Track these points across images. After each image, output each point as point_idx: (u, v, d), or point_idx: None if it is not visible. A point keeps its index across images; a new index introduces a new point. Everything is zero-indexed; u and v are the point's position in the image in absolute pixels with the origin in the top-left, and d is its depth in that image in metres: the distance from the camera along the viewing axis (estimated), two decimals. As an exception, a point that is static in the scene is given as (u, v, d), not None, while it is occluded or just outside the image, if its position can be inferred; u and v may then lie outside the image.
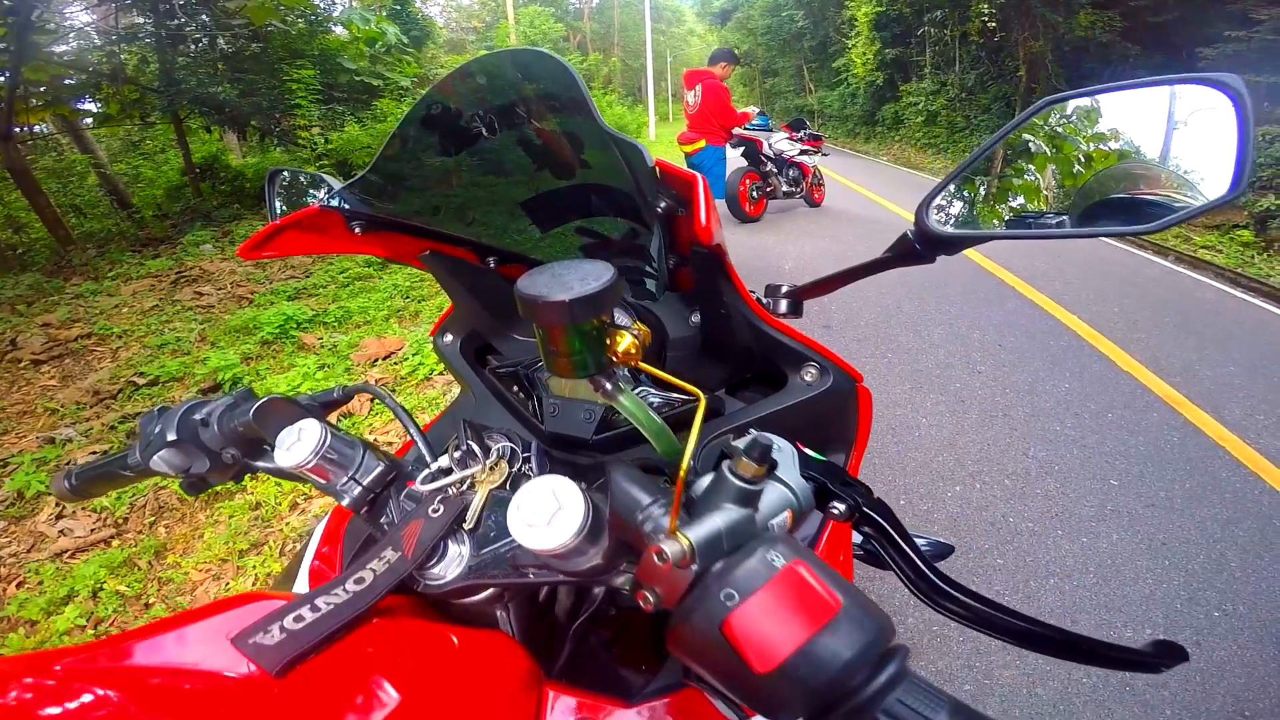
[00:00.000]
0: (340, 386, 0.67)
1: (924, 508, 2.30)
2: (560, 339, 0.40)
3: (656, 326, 0.75)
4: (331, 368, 3.35)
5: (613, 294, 0.39)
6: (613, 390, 0.43)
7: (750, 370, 0.73)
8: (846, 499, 0.44)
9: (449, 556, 0.48)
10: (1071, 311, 4.22)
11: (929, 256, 0.60)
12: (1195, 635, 1.75)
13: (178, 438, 0.54)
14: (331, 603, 0.40)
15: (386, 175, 0.64)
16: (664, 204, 0.54)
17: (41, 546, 2.11)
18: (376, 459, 0.52)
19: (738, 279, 0.60)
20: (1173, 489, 2.38)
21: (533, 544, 0.40)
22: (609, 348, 0.42)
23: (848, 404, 0.66)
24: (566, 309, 0.37)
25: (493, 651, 0.46)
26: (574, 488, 0.42)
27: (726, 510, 0.37)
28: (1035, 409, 2.99)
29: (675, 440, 0.47)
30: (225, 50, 6.97)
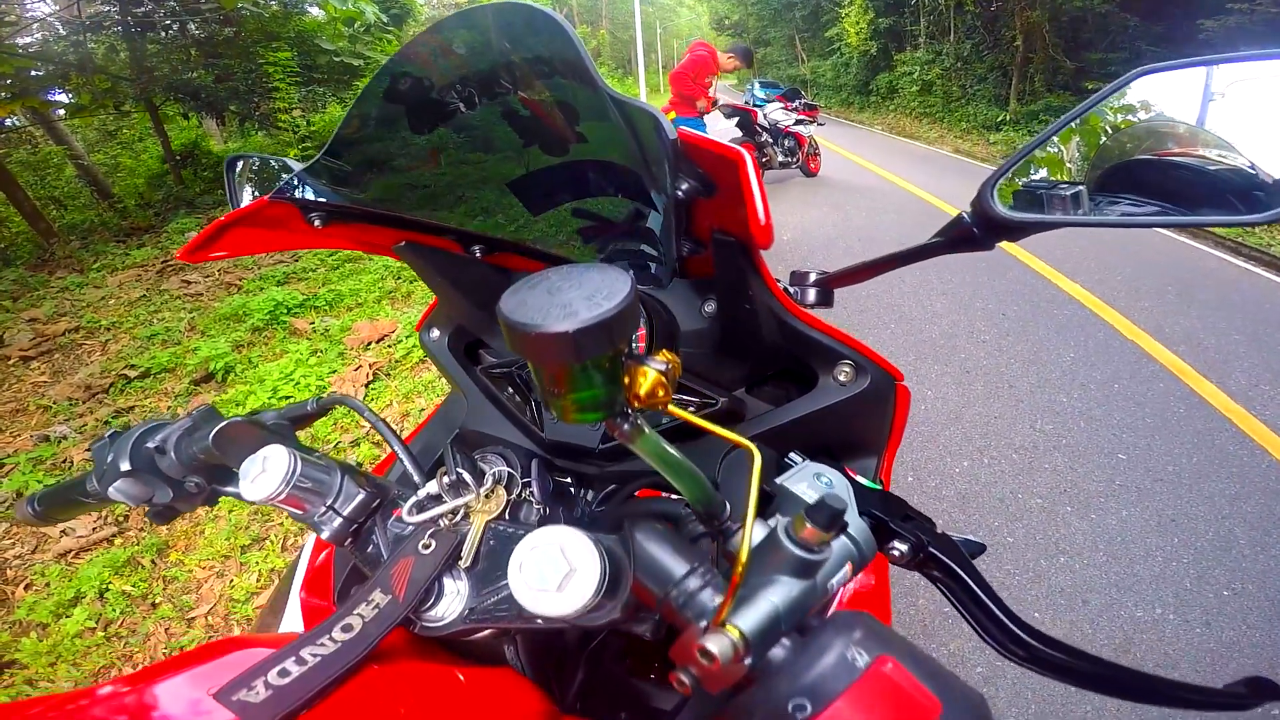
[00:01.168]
0: (314, 399, 0.61)
1: (932, 484, 2.29)
2: (563, 380, 0.29)
3: (665, 318, 0.67)
4: (324, 353, 3.30)
5: (631, 317, 0.28)
6: (631, 433, 0.34)
7: (773, 367, 0.66)
8: (909, 537, 0.39)
9: (445, 595, 0.43)
10: (1074, 280, 4.19)
11: (987, 242, 0.53)
12: (1204, 615, 1.75)
13: (133, 467, 0.49)
14: (318, 654, 0.36)
15: (346, 159, 0.56)
16: (686, 187, 0.45)
17: (45, 547, 2.08)
18: (357, 485, 0.47)
19: (766, 269, 0.54)
20: (1180, 463, 2.38)
21: (541, 611, 0.35)
22: (628, 388, 0.31)
23: (885, 406, 0.60)
24: (570, 343, 0.26)
25: (502, 691, 0.43)
26: (585, 543, 0.37)
27: (782, 584, 0.32)
28: (1041, 380, 2.98)
29: (708, 486, 0.39)
30: (197, 36, 6.79)
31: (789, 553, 0.32)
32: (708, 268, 0.60)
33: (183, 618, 1.79)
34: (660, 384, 0.31)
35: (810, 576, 0.33)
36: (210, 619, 1.78)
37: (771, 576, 0.32)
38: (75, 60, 6.27)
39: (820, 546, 0.32)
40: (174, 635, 1.74)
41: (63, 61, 6.23)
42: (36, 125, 7.39)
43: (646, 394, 0.31)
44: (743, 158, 0.39)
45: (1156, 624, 1.73)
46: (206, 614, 1.79)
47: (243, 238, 0.58)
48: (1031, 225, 0.51)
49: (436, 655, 0.45)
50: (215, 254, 0.57)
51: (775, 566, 0.32)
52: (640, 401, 0.31)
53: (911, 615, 1.75)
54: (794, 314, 0.56)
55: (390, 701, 0.36)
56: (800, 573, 0.32)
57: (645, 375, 0.31)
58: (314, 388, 2.92)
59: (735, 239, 0.49)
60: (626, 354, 0.31)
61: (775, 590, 0.32)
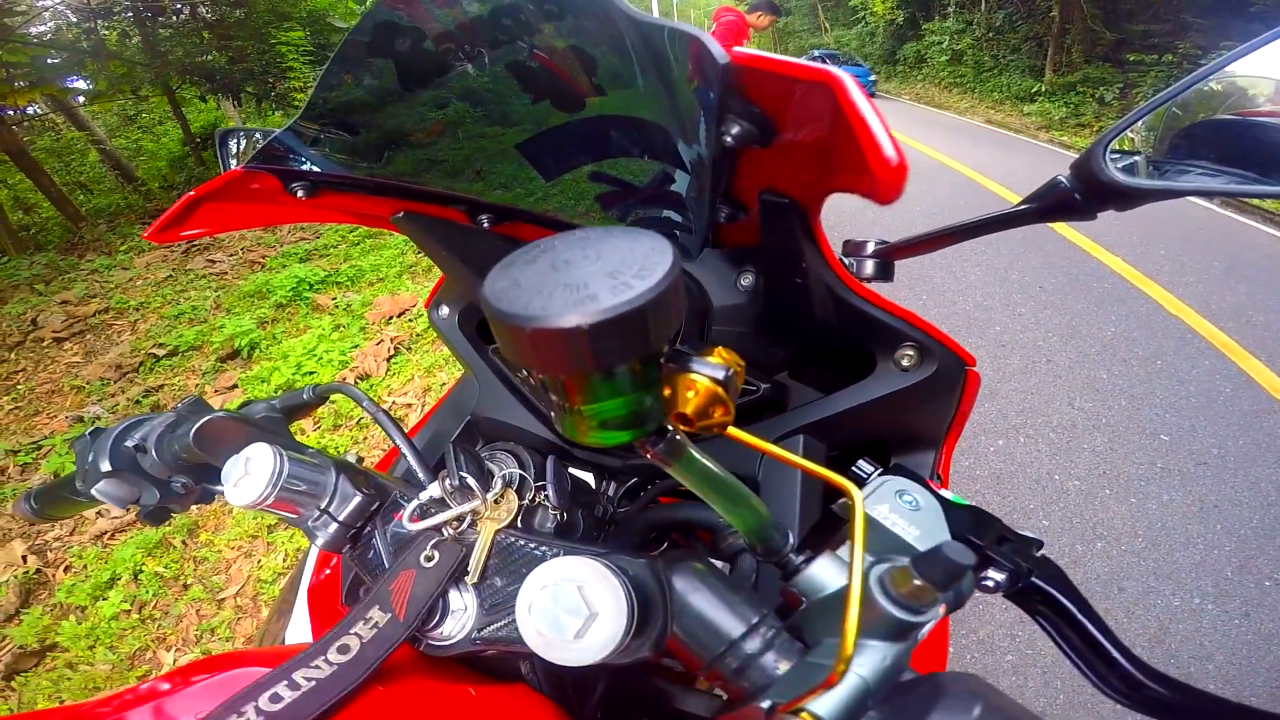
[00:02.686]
0: (310, 387, 0.57)
1: (965, 464, 2.21)
2: (575, 391, 0.21)
3: (697, 293, 0.59)
4: (347, 328, 3.31)
5: (673, 304, 0.19)
6: (669, 453, 0.26)
7: (819, 348, 0.58)
8: (1006, 565, 0.33)
9: (451, 614, 0.39)
10: (1114, 253, 4.02)
11: (1089, 210, 0.46)
12: (1244, 606, 1.69)
13: (114, 467, 0.46)
14: (312, 678, 0.33)
15: (330, 122, 0.49)
16: (737, 131, 0.35)
17: (82, 529, 2.14)
18: (354, 486, 0.43)
19: (824, 237, 0.45)
20: (1225, 445, 2.27)
21: (557, 659, 0.30)
22: (669, 402, 0.23)
23: (952, 395, 0.53)
24: (585, 344, 0.18)
25: (515, 711, 0.40)
26: (608, 579, 0.31)
27: (871, 651, 0.26)
28: (1080, 355, 2.86)
29: (764, 512, 0.31)
30: (207, 19, 6.80)
31: (885, 613, 0.25)
32: (745, 235, 0.53)
33: (213, 599, 1.82)
34: (716, 399, 0.22)
35: (907, 639, 0.26)
36: (239, 600, 1.81)
37: (858, 641, 0.25)
38: (88, 47, 6.35)
39: (926, 606, 0.25)
40: (205, 616, 1.77)
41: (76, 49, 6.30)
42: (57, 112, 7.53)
43: (697, 412, 0.22)
44: (839, 80, 0.28)
45: (1194, 613, 1.67)
46: (235, 595, 1.82)
47: (218, 213, 0.53)
48: (1149, 193, 0.43)
49: (446, 671, 0.42)
50: (188, 232, 0.53)
51: (864, 626, 0.26)
52: (689, 424, 0.23)
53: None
54: (851, 288, 0.48)
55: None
56: (896, 636, 0.26)
57: (695, 387, 0.22)
58: (337, 362, 2.94)
59: (790, 200, 0.41)
60: (667, 354, 0.22)
61: (864, 660, 0.26)
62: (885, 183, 0.27)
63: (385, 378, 2.82)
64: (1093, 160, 0.44)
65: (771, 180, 0.40)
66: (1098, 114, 8.67)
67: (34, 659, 1.70)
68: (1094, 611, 0.33)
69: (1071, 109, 9.18)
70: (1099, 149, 0.44)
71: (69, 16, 6.77)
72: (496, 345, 0.67)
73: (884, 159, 0.26)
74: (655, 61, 0.37)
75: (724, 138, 0.35)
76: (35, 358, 3.51)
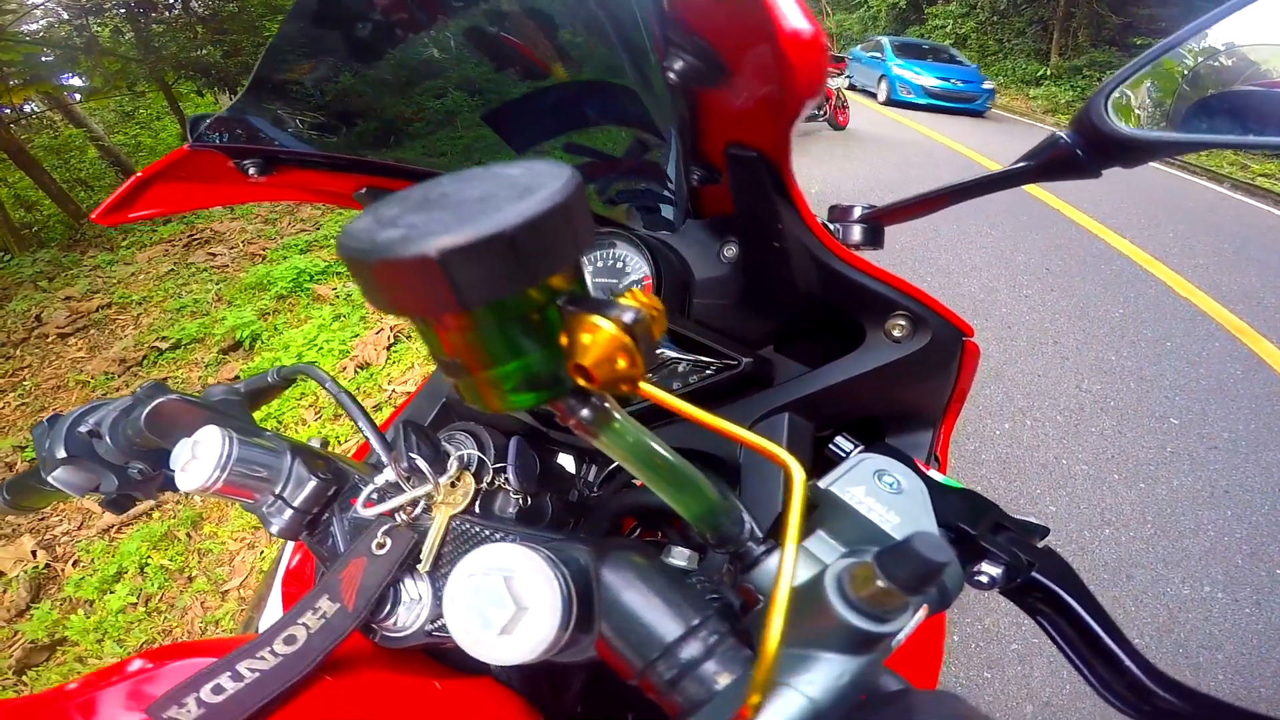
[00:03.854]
0: (275, 370, 0.55)
1: (970, 447, 2.18)
2: (452, 343, 0.18)
3: (676, 265, 0.56)
4: (347, 317, 3.31)
5: (561, 230, 0.17)
6: (592, 421, 0.22)
7: (806, 321, 0.55)
8: (1002, 557, 0.30)
9: (404, 603, 0.38)
10: (1123, 236, 3.96)
11: (1092, 168, 0.42)
12: (1255, 594, 1.67)
13: (68, 454, 0.45)
14: (256, 669, 0.32)
15: (278, 97, 0.47)
16: (679, 67, 0.32)
17: (89, 523, 2.15)
18: (309, 470, 0.41)
19: (799, 195, 0.41)
20: (1237, 429, 2.24)
21: (486, 657, 0.27)
22: (569, 356, 0.19)
23: (948, 367, 0.50)
24: (436, 277, 0.15)
25: (480, 705, 0.38)
26: (540, 569, 0.28)
27: (825, 666, 0.21)
28: (1087, 336, 2.83)
29: (713, 495, 0.27)
30: (200, 13, 6.75)
31: (841, 621, 0.21)
32: (725, 204, 0.50)
33: (217, 591, 1.83)
34: (620, 348, 0.18)
35: (870, 652, 0.22)
36: (243, 591, 1.82)
37: (808, 652, 0.22)
38: (82, 44, 6.34)
39: (894, 612, 0.21)
40: (209, 609, 1.78)
41: (70, 46, 6.29)
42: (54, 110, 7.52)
43: (597, 363, 0.18)
44: None
45: (1203, 602, 1.65)
46: (239, 586, 1.83)
47: (168, 194, 0.51)
48: (1153, 146, 0.41)
49: (408, 664, 0.40)
50: (137, 214, 0.51)
51: (817, 635, 0.22)
52: (589, 378, 0.19)
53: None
54: (835, 253, 0.45)
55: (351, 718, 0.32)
56: (857, 648, 0.22)
57: (594, 332, 0.18)
58: (337, 352, 2.94)
59: (757, 152, 0.38)
60: (567, 298, 0.19)
61: (814, 678, 0.21)
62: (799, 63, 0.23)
63: (385, 366, 2.81)
64: (1093, 112, 0.41)
65: (736, 133, 0.38)
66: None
67: (45, 653, 1.71)
68: (1103, 611, 0.29)
69: (1078, 93, 9.08)
70: (1100, 100, 0.41)
71: (61, 14, 6.77)
72: None
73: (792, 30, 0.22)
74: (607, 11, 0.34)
75: (668, 74, 0.33)
76: (40, 354, 3.52)
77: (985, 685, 1.46)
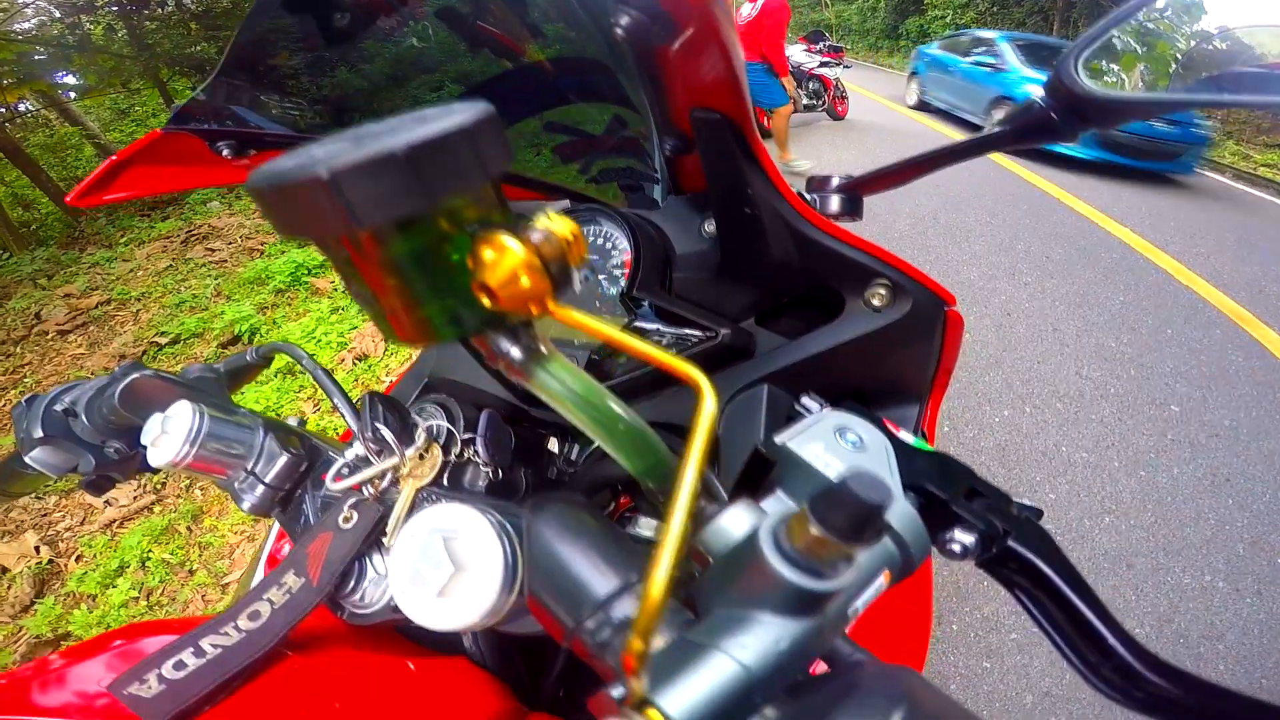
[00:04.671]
0: (254, 349, 0.55)
1: (970, 434, 2.18)
2: (365, 271, 0.18)
3: (657, 240, 0.56)
4: (345, 310, 3.32)
5: (464, 149, 0.17)
6: (523, 360, 0.22)
7: (788, 293, 0.55)
8: (976, 524, 0.28)
9: (370, 578, 0.37)
10: (1124, 224, 3.94)
11: (1068, 130, 0.42)
12: (1257, 584, 1.66)
13: (45, 433, 0.45)
14: (219, 645, 0.32)
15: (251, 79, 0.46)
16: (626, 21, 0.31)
17: (91, 519, 2.15)
18: (281, 445, 0.40)
19: (767, 160, 0.41)
20: (1238, 417, 2.23)
21: (427, 622, 0.26)
22: (475, 275, 0.19)
23: (930, 337, 0.49)
24: (327, 198, 0.15)
25: (452, 685, 0.37)
26: (483, 528, 0.27)
27: (761, 629, 0.20)
28: (1087, 323, 2.82)
29: (660, 448, 0.26)
30: (193, 9, 6.71)
31: (778, 577, 0.19)
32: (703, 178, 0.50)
33: (217, 584, 1.83)
34: (525, 267, 0.18)
35: (814, 614, 0.20)
36: (245, 584, 1.82)
37: (747, 613, 0.20)
38: (74, 42, 6.31)
39: (834, 566, 0.19)
40: (210, 602, 1.78)
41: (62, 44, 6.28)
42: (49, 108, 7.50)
43: (501, 283, 0.18)
44: None
45: (1204, 592, 1.64)
46: (239, 579, 1.83)
47: (145, 176, 0.51)
48: (1129, 107, 0.40)
49: (381, 643, 0.40)
50: (113, 195, 0.51)
51: (753, 594, 0.20)
52: (494, 298, 0.18)
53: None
54: (810, 220, 0.44)
55: (318, 697, 0.32)
56: (797, 608, 0.20)
57: (498, 250, 0.18)
58: (335, 344, 2.94)
59: (720, 115, 0.37)
60: (479, 224, 0.18)
61: (748, 641, 0.19)
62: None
63: (384, 358, 2.81)
64: (1064, 74, 0.41)
65: (699, 98, 0.38)
66: (1107, 83, 8.51)
67: (49, 648, 1.72)
68: (1086, 586, 0.27)
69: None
70: (1070, 62, 0.41)
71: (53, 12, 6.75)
72: None
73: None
74: None
75: (616, 30, 0.32)
76: (41, 351, 3.52)
77: (984, 675, 1.45)
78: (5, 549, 2.00)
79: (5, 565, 1.95)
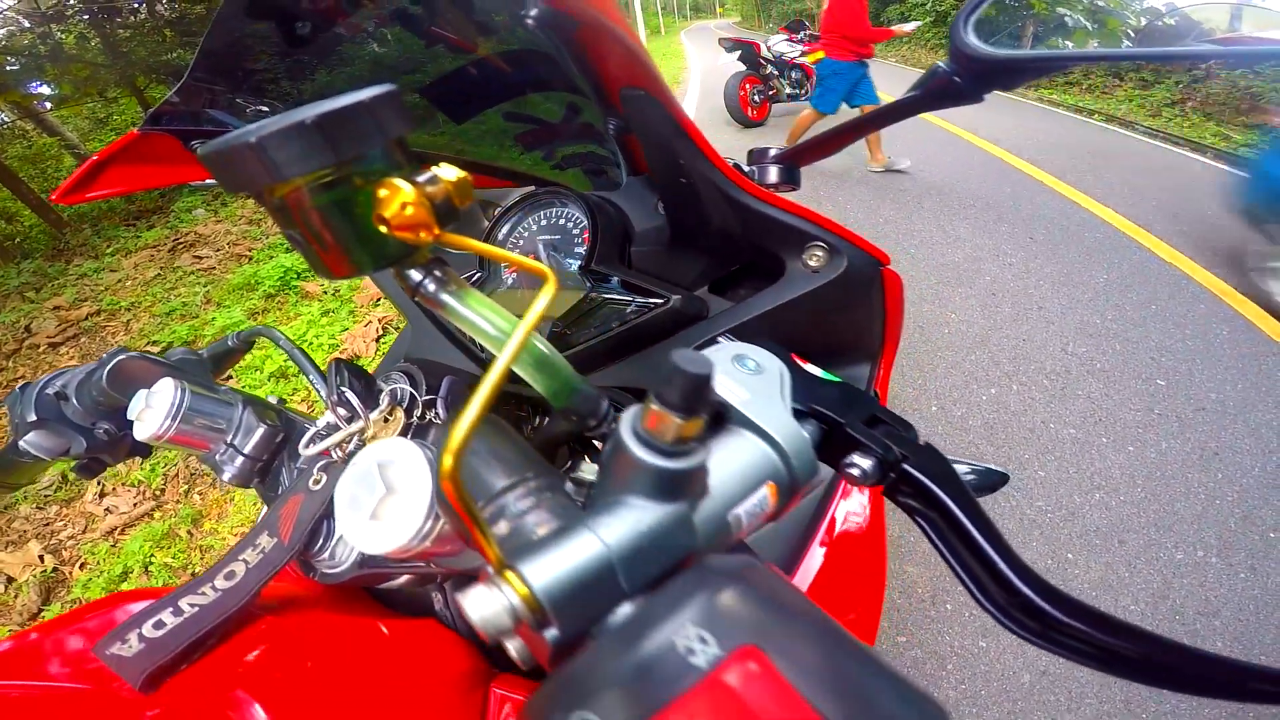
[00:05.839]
0: (235, 334, 0.58)
1: (958, 413, 2.20)
2: (299, 218, 0.22)
3: (616, 219, 0.60)
4: (335, 312, 3.32)
5: (364, 121, 0.21)
6: (435, 292, 0.26)
7: (737, 260, 0.58)
8: (874, 449, 0.29)
9: (337, 536, 0.38)
10: (1106, 204, 3.98)
11: (972, 92, 0.44)
12: (1249, 559, 1.65)
13: (38, 417, 0.47)
14: (197, 604, 0.33)
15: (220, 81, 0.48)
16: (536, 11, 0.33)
17: (93, 526, 2.16)
18: (258, 418, 0.43)
19: (696, 132, 0.43)
20: (1224, 390, 2.25)
21: (366, 547, 0.28)
22: (374, 211, 0.23)
23: (869, 297, 0.52)
24: (254, 157, 0.20)
25: (422, 646, 0.39)
26: (416, 456, 0.29)
27: (628, 512, 0.22)
28: (1072, 301, 2.85)
29: (569, 373, 0.29)
30: (167, 16, 6.64)
31: (636, 459, 0.21)
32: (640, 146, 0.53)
33: (223, 585, 1.84)
34: (412, 201, 0.22)
35: (677, 497, 0.22)
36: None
37: (618, 498, 0.22)
38: (46, 51, 6.23)
39: (681, 444, 0.21)
40: (216, 602, 1.80)
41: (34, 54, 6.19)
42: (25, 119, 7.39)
43: (393, 214, 0.22)
44: None
45: (1198, 567, 1.63)
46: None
47: (125, 175, 0.53)
48: (1022, 65, 0.43)
49: (354, 605, 0.42)
50: (95, 193, 0.53)
51: (622, 481, 0.22)
52: (390, 227, 0.23)
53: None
54: (743, 188, 0.47)
55: (291, 656, 0.34)
56: (660, 491, 0.22)
57: (392, 191, 0.22)
58: (327, 346, 2.95)
59: (644, 91, 0.40)
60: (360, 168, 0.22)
61: (615, 520, 0.21)
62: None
63: (375, 357, 2.82)
64: (955, 38, 0.43)
65: (626, 78, 0.40)
66: (1085, 71, 8.52)
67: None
68: (979, 511, 0.27)
69: (1066, 67, 9.04)
70: (959, 25, 0.43)
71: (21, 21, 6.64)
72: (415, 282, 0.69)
73: None
74: None
75: (528, 21, 0.34)
76: (33, 364, 3.50)
77: (981, 654, 1.45)
78: (10, 558, 2.01)
79: (11, 575, 1.96)
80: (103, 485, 2.31)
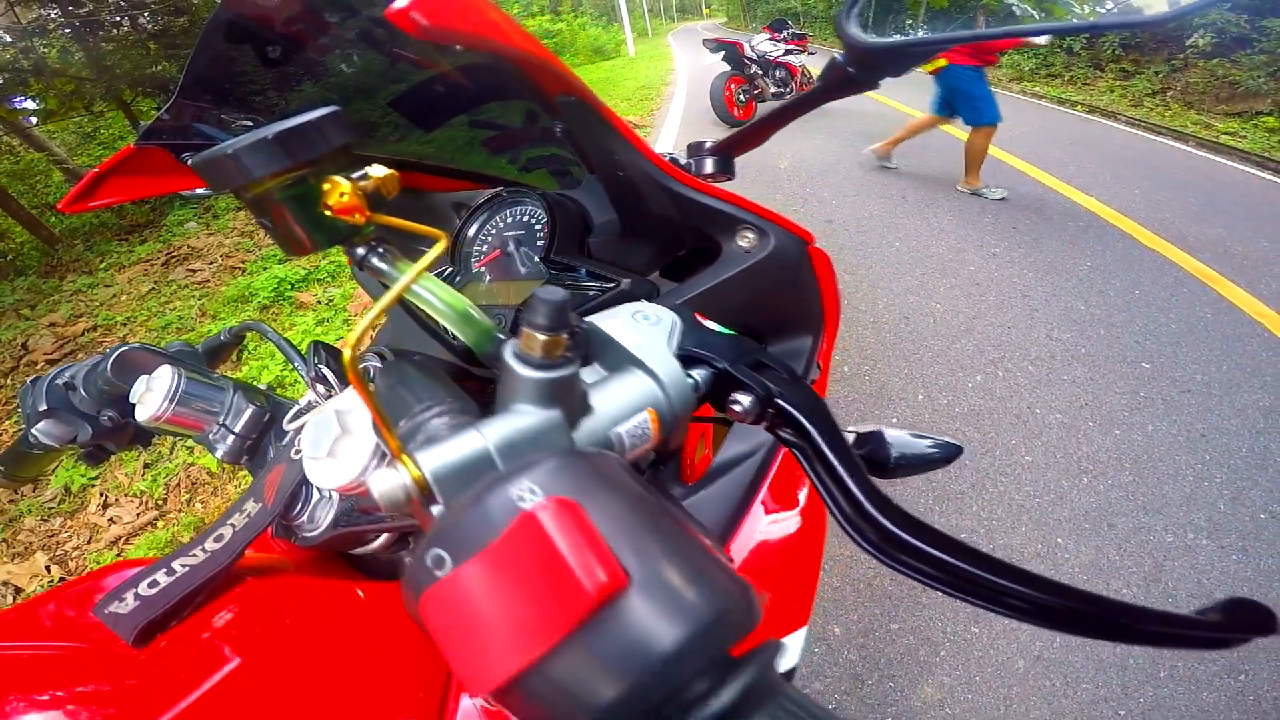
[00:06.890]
0: (227, 329, 0.62)
1: (944, 401, 2.22)
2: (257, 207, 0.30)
3: (575, 213, 0.66)
4: (330, 321, 3.34)
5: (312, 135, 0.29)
6: (375, 262, 0.34)
7: (683, 246, 0.64)
8: (754, 388, 0.32)
9: (315, 502, 0.42)
10: (1089, 194, 4.03)
11: (866, 79, 0.50)
12: (1240, 540, 1.64)
13: (49, 406, 0.52)
14: (188, 564, 0.37)
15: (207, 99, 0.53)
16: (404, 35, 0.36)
17: (97, 537, 2.17)
18: (248, 400, 0.47)
19: (625, 128, 0.46)
20: (1210, 372, 2.27)
21: (323, 483, 0.33)
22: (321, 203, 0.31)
23: (799, 274, 0.56)
24: (232, 164, 0.28)
25: (395, 608, 0.41)
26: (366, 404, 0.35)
27: (513, 416, 0.27)
28: (1056, 288, 2.88)
29: (485, 322, 0.37)
30: (150, 29, 6.65)
31: (517, 373, 0.27)
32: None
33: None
34: (351, 192, 0.30)
35: (552, 404, 0.27)
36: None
37: (506, 406, 0.27)
38: (29, 66, 6.22)
39: (554, 360, 0.27)
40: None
41: (17, 69, 6.18)
42: (11, 135, 7.37)
43: (334, 201, 0.30)
44: None
45: (1189, 550, 1.61)
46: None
47: (125, 185, 0.57)
48: (901, 52, 0.48)
49: (333, 570, 0.45)
50: (98, 203, 0.57)
51: (508, 393, 0.28)
52: (334, 210, 0.30)
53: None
54: (675, 177, 0.50)
55: (272, 613, 0.37)
56: (534, 398, 0.27)
57: (332, 184, 0.30)
58: (323, 354, 2.97)
59: (575, 97, 0.43)
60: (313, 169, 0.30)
61: (499, 422, 0.26)
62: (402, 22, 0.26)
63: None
64: (840, 32, 0.48)
65: (557, 85, 0.43)
66: (1067, 64, 8.61)
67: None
68: (842, 442, 0.29)
69: (1041, 59, 9.05)
70: (842, 19, 0.49)
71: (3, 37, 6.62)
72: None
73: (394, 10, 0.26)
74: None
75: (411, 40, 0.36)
76: (29, 381, 3.51)
77: (974, 641, 1.44)
78: (17, 569, 2.02)
79: (19, 585, 1.97)
80: (106, 497, 2.33)
